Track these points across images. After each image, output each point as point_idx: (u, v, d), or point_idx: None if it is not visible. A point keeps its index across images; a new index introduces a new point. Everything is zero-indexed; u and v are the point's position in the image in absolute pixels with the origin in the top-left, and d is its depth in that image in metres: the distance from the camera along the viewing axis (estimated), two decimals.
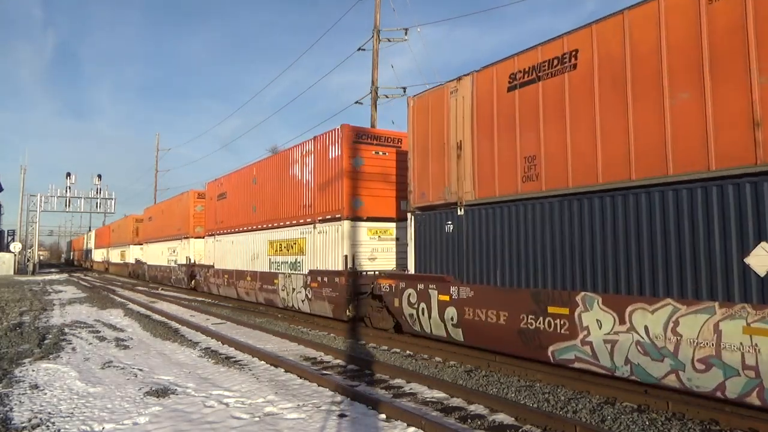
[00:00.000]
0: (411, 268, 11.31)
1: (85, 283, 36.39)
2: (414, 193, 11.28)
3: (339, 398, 7.24)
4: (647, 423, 6.21)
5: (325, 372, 8.98)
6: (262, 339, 12.53)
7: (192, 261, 27.26)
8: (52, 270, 65.92)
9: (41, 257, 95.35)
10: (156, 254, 35.26)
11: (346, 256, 13.68)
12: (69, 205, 52.45)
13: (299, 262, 15.99)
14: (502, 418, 6.41)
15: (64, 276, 48.24)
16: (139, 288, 31.50)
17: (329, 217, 14.56)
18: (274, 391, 7.64)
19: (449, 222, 10.33)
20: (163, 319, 16.62)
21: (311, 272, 15.08)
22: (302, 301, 15.50)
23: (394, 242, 14.57)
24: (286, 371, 8.95)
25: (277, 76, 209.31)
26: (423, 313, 10.62)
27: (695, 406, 6.45)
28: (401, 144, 14.71)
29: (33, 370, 8.96)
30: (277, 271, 17.41)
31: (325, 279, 14.24)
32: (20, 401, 7.13)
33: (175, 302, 22.07)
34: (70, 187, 52.04)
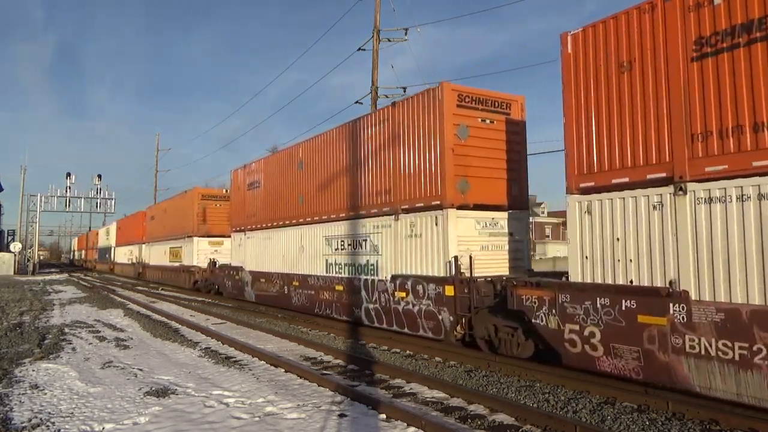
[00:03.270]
0: None
1: (85, 283, 36.38)
2: None
3: (339, 398, 7.24)
4: (647, 423, 6.21)
5: (325, 372, 8.98)
6: (262, 339, 12.53)
7: (461, 273, 10.31)
8: (53, 270, 65.91)
9: (41, 257, 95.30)
10: (281, 255, 17.47)
11: None
12: (69, 205, 52.42)
13: None
14: (502, 418, 6.41)
15: (64, 276, 48.21)
16: (139, 288, 31.48)
17: None
18: (274, 391, 7.65)
19: None
20: (163, 319, 16.62)
21: None
22: None
23: None
24: (286, 371, 8.95)
25: (278, 76, 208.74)
26: None
27: (695, 406, 6.46)
28: None
29: (33, 370, 8.96)
30: None
31: None
32: (20, 401, 7.13)
33: (175, 302, 22.07)
34: (70, 187, 52.02)
